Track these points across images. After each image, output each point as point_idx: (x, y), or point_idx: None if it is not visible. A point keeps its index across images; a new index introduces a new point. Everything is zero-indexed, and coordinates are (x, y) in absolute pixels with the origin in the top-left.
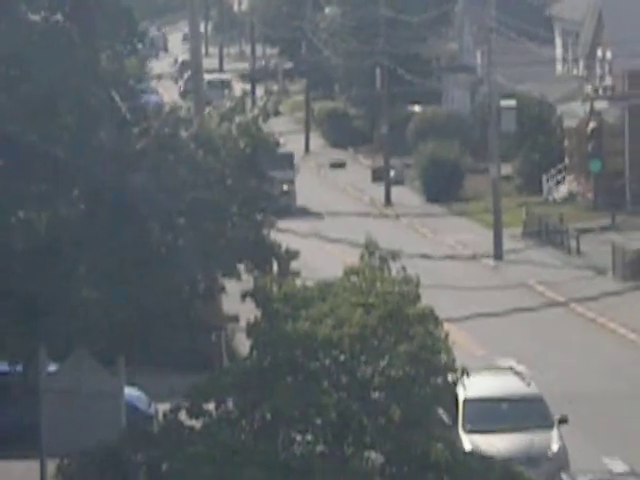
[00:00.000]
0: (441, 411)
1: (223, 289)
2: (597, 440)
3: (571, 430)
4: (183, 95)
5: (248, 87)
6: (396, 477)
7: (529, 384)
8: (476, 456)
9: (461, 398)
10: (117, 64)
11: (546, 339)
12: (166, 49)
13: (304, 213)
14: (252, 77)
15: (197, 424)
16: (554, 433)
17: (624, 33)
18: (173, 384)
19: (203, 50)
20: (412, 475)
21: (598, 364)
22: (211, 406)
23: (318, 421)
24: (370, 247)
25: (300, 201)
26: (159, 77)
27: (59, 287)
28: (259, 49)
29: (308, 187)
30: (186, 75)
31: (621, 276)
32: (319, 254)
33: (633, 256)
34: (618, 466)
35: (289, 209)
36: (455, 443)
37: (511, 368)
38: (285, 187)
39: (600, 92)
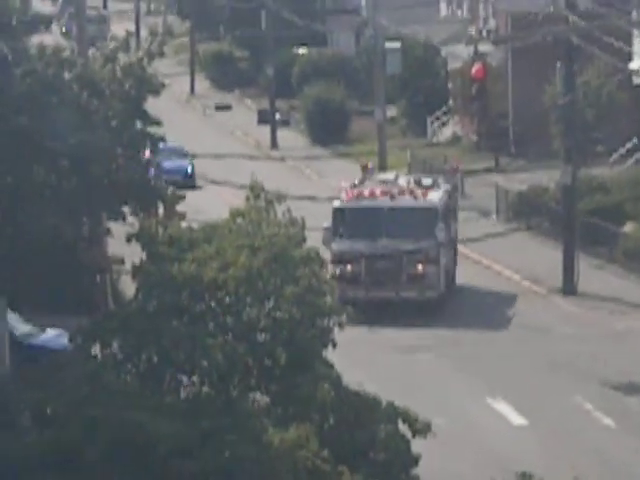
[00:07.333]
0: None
1: (108, 231)
2: (479, 382)
3: (454, 373)
4: (65, 35)
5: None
6: (282, 418)
7: None
8: (362, 395)
9: None
10: None
11: None
12: None
13: (456, 318)
14: (136, 18)
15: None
16: None
17: None
18: (58, 326)
19: None
20: (298, 416)
21: (482, 306)
22: (96, 349)
23: (204, 363)
24: (256, 189)
25: (184, 144)
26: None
27: None
28: None
29: (194, 130)
30: (67, 14)
31: (504, 218)
32: (205, 197)
33: (516, 198)
34: (501, 405)
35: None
36: (340, 383)
37: None
38: (419, 267)
39: (484, 34)
